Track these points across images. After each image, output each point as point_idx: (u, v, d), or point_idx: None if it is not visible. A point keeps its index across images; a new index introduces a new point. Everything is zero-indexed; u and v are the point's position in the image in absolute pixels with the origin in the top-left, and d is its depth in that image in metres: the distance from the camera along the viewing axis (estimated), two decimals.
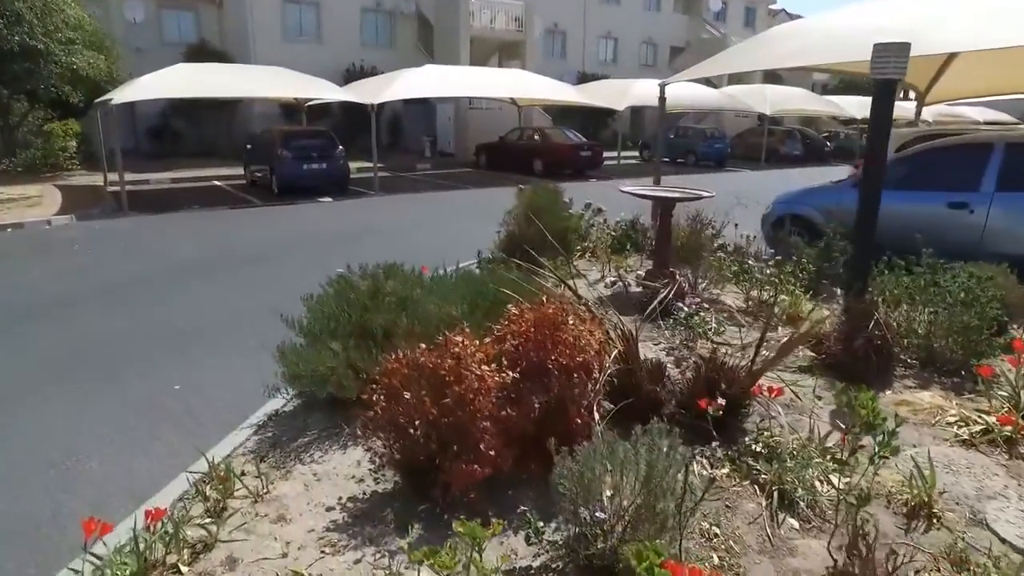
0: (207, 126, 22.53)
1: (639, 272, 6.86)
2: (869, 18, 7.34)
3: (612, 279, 6.60)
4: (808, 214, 7.85)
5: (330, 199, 14.67)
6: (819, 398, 3.67)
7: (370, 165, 16.09)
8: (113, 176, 16.38)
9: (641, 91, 22.07)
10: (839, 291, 5.96)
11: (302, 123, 18.95)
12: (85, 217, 11.83)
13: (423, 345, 2.78)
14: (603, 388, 2.96)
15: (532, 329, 2.82)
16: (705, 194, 6.14)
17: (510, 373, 2.62)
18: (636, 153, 29.23)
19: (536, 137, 21.02)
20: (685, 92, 25.62)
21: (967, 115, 42.32)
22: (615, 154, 25.80)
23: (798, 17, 49.35)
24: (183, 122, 22.28)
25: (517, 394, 2.67)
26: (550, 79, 20.19)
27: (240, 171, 18.10)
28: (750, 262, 6.02)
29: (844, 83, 44.68)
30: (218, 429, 3.84)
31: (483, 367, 2.57)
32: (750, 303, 5.59)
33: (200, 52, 22.05)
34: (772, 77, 38.15)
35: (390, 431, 2.63)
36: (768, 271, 5.53)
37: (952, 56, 9.22)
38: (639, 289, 6.25)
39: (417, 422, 2.53)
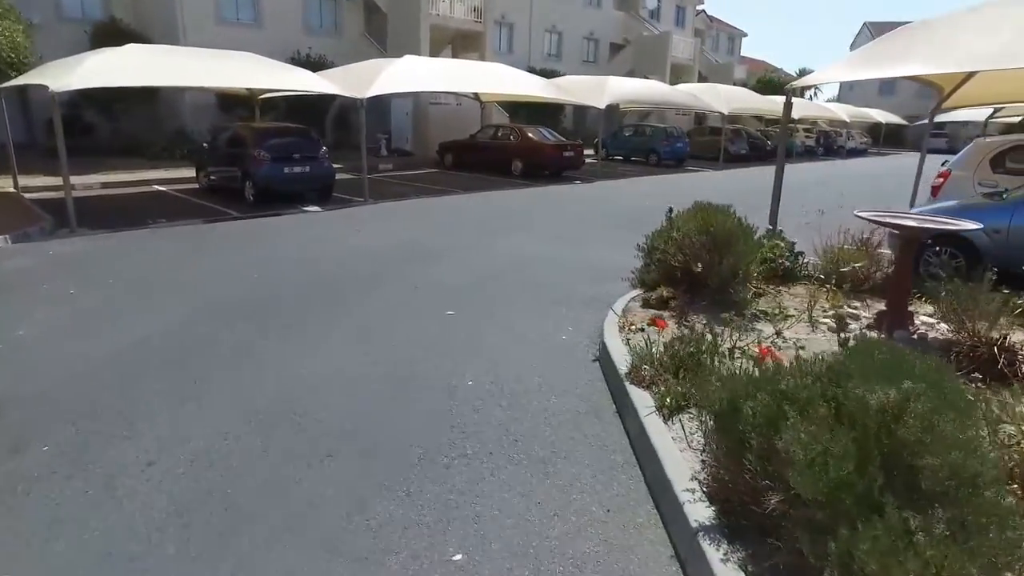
0: (126, 119, 19.14)
1: (851, 308, 5.74)
2: None
3: (831, 322, 5.41)
4: (968, 234, 7.05)
5: (317, 208, 12.55)
6: None
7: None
8: (34, 181, 13.47)
9: (616, 88, 21.21)
10: None
11: (255, 118, 16.44)
12: (24, 238, 9.13)
13: None
14: None
15: None
16: (970, 225, 5.11)
17: None
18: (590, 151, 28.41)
19: (513, 136, 19.57)
20: (642, 88, 25.21)
21: (871, 115, 45.25)
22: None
23: (716, 20, 50.87)
24: (96, 113, 18.78)
25: None
26: (531, 75, 18.81)
27: (185, 173, 15.40)
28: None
29: (761, 83, 46.55)
30: None
31: None
32: None
33: (111, 33, 18.61)
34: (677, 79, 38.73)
35: None
36: None
37: None
38: (879, 335, 5.12)
39: None
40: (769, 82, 47.28)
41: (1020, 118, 22.59)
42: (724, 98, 26.67)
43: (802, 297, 6.27)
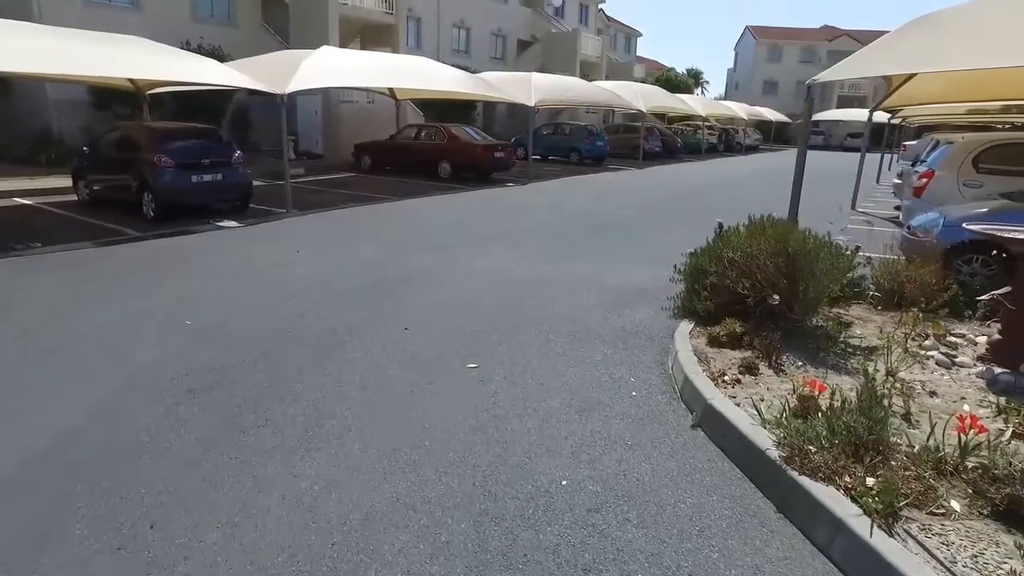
0: None
1: (949, 337, 5.01)
2: None
3: (938, 355, 4.64)
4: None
5: (235, 223, 10.63)
6: None
7: None
8: None
9: (541, 84, 20.38)
10: None
11: (144, 115, 14.02)
12: None
13: None
14: None
15: None
16: None
17: None
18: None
19: (439, 136, 18.16)
20: (565, 85, 24.52)
21: (763, 114, 47.54)
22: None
23: (613, 20, 51.54)
24: None
25: None
26: (459, 70, 17.47)
27: (57, 183, 12.83)
28: None
29: (659, 82, 47.73)
30: None
31: None
32: None
33: None
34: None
35: None
36: None
37: None
38: (1001, 370, 4.39)
39: None
40: (668, 81, 48.64)
41: (901, 119, 24.05)
42: (641, 96, 26.60)
43: (870, 321, 5.52)
